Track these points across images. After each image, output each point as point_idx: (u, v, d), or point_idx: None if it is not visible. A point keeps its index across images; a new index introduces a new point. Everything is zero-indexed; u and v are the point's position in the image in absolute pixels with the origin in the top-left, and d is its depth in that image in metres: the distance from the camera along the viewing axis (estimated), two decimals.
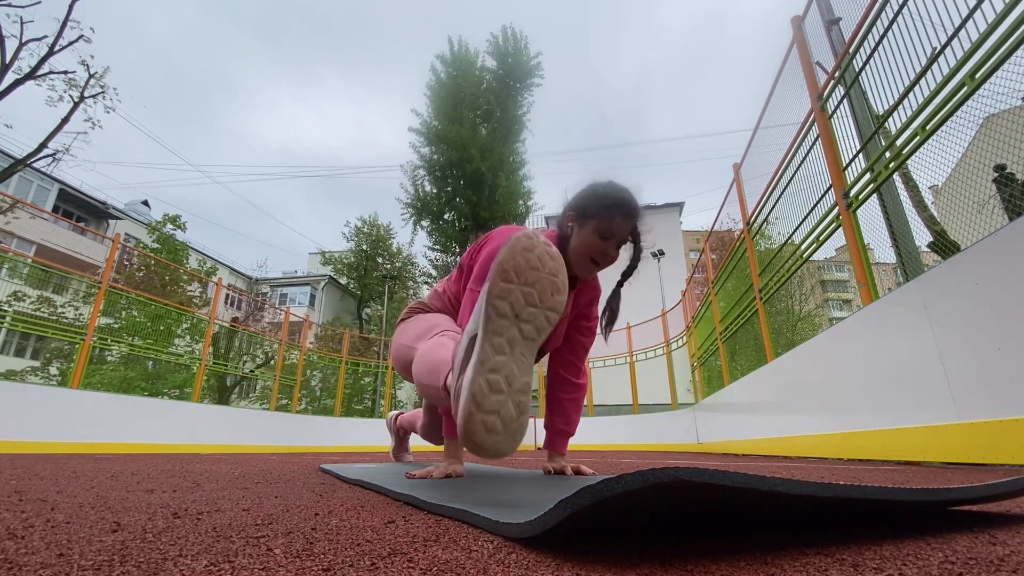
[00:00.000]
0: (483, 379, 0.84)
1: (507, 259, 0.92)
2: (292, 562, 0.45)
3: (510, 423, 0.84)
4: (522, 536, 0.54)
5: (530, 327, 0.90)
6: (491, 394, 0.84)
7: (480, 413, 0.82)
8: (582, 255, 1.36)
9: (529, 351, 0.91)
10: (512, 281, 0.90)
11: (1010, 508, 0.79)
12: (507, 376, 0.86)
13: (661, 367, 10.79)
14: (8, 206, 11.64)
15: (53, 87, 9.71)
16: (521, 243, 0.93)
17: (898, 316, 2.54)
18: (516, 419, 0.85)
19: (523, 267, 0.92)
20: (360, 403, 15.84)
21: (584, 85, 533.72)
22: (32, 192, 17.21)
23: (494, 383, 0.84)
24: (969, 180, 2.36)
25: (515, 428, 0.85)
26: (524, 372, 0.88)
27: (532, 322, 0.91)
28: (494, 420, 0.83)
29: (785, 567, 0.42)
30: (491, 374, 0.85)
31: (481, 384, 0.84)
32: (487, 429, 0.82)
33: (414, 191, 16.01)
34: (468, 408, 0.83)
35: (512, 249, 0.92)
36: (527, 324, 0.90)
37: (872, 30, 2.89)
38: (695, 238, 26.59)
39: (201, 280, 13.59)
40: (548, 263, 0.94)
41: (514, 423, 0.84)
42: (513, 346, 0.88)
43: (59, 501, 0.90)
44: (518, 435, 0.85)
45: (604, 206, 1.32)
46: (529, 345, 0.91)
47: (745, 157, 5.60)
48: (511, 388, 0.86)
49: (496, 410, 0.83)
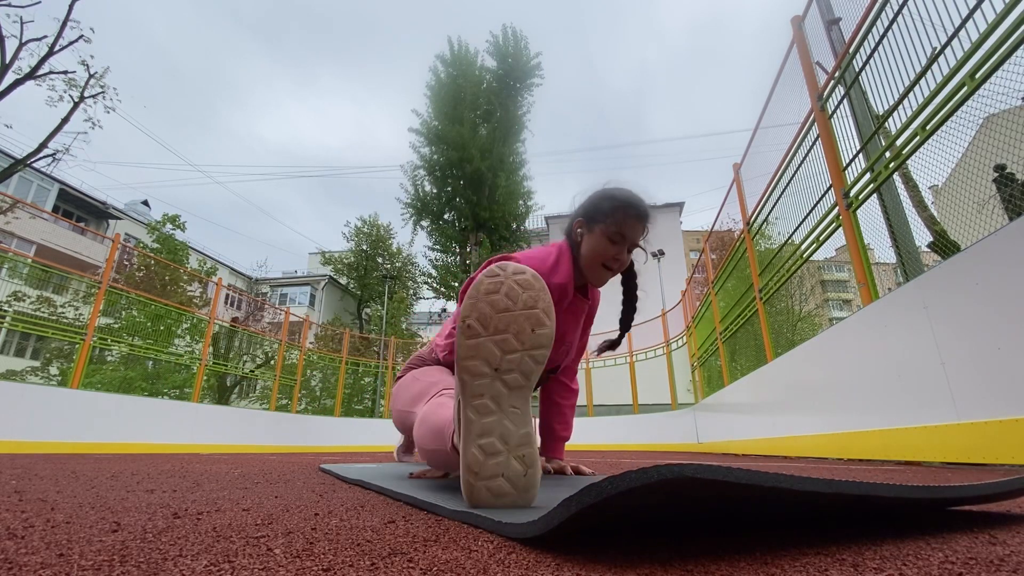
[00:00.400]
0: (474, 448, 0.77)
1: (469, 310, 0.82)
2: (292, 562, 0.45)
3: (518, 480, 0.77)
4: (524, 536, 0.54)
5: (515, 375, 0.81)
6: (488, 459, 0.77)
7: (481, 482, 0.76)
8: (593, 261, 1.31)
9: (521, 399, 0.82)
10: (479, 335, 0.81)
11: (1010, 508, 0.79)
12: (501, 435, 0.78)
13: (661, 367, 10.79)
14: (8, 206, 11.64)
15: (53, 87, 9.71)
16: (483, 286, 0.84)
17: (898, 316, 2.54)
18: (524, 474, 0.77)
19: (489, 315, 0.82)
20: (360, 403, 15.83)
21: (584, 85, 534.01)
22: (32, 192, 17.21)
23: (488, 447, 0.77)
24: (969, 180, 2.36)
25: (525, 483, 0.77)
26: (521, 424, 0.80)
27: (516, 370, 0.81)
28: (499, 484, 0.76)
29: (785, 567, 0.42)
30: (481, 439, 0.78)
31: (474, 453, 0.77)
32: (495, 494, 0.76)
33: (414, 191, 16.02)
34: (468, 482, 0.76)
35: (473, 296, 0.83)
36: (510, 374, 0.81)
37: (872, 30, 2.89)
38: (695, 238, 26.59)
39: (201, 280, 13.59)
40: (521, 296, 0.84)
41: (523, 479, 0.77)
42: (500, 401, 0.80)
43: (59, 501, 0.90)
44: (532, 488, 0.78)
45: (613, 208, 1.27)
46: (519, 394, 0.82)
47: (745, 157, 5.60)
48: (509, 445, 0.78)
49: (499, 473, 0.77)
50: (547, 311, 0.85)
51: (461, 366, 0.80)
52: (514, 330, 0.82)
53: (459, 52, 16.04)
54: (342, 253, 25.41)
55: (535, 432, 0.83)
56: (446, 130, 15.05)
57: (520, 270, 0.86)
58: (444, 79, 15.84)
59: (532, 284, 0.85)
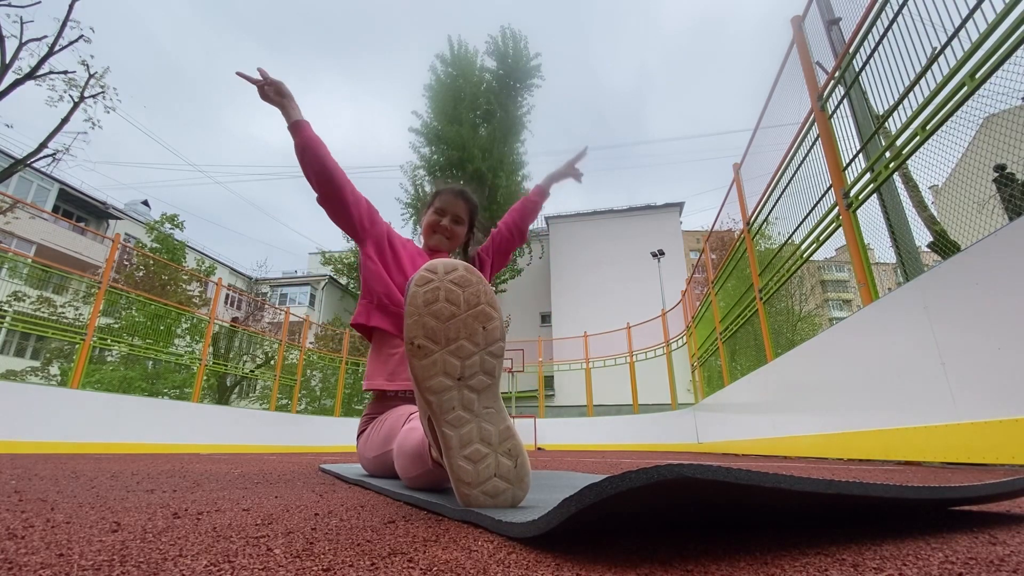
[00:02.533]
0: (460, 460, 0.75)
1: (414, 329, 0.76)
2: (292, 562, 0.45)
3: (510, 473, 0.76)
4: (524, 536, 0.54)
5: (479, 378, 0.78)
6: (477, 466, 0.75)
7: (476, 488, 0.75)
8: (427, 230, 1.68)
9: (491, 398, 0.79)
10: (431, 352, 0.76)
11: (1010, 508, 0.79)
12: (483, 439, 0.77)
13: (661, 367, 10.79)
14: (8, 206, 11.64)
15: (53, 87, 9.71)
16: (419, 298, 0.77)
17: (898, 316, 2.54)
18: (515, 466, 0.77)
19: (435, 328, 0.77)
20: (360, 403, 15.83)
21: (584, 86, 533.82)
22: (32, 192, 17.21)
23: (474, 455, 0.76)
24: (969, 180, 2.36)
25: (518, 473, 0.77)
26: (498, 420, 0.78)
27: (479, 372, 0.78)
28: (494, 484, 0.76)
29: (785, 567, 0.42)
30: (465, 450, 0.76)
31: (462, 466, 0.75)
32: (491, 495, 0.75)
33: (414, 191, 16.03)
34: (463, 492, 0.75)
35: (414, 312, 0.77)
36: (474, 378, 0.78)
37: (872, 30, 2.89)
38: (695, 238, 26.60)
39: (201, 280, 13.59)
40: (462, 296, 0.79)
41: (513, 471, 0.76)
42: (472, 407, 0.77)
43: (59, 501, 0.90)
44: (524, 477, 0.77)
45: (437, 191, 1.72)
46: (488, 392, 0.79)
47: (745, 157, 5.60)
48: (493, 445, 0.77)
49: (491, 475, 0.76)
50: (491, 302, 0.81)
51: (423, 387, 0.76)
52: (465, 334, 0.78)
53: (459, 52, 16.05)
54: (342, 253, 25.41)
55: (513, 422, 0.81)
56: (446, 130, 15.07)
57: (451, 266, 0.81)
58: (444, 79, 15.86)
59: (469, 279, 0.80)
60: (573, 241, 23.76)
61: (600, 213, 24.33)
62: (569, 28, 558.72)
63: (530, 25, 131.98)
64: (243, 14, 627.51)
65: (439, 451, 0.82)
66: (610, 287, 21.90)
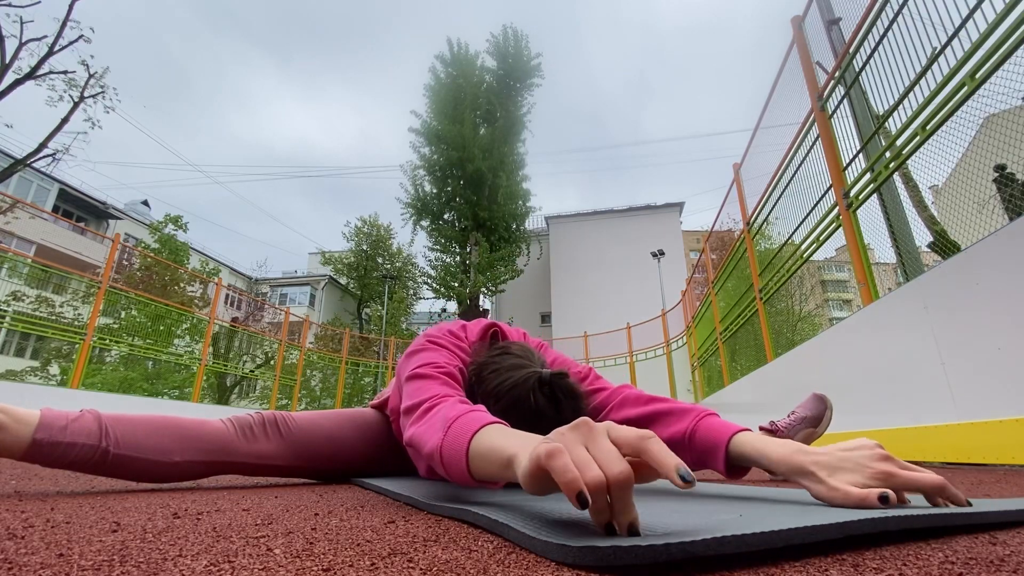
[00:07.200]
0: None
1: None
2: (292, 562, 0.45)
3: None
4: (560, 560, 0.44)
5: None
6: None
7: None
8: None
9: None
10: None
11: None
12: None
13: (661, 367, 10.80)
14: (8, 206, 11.64)
15: (53, 87, 9.72)
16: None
17: (898, 316, 2.54)
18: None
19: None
20: (360, 403, 15.84)
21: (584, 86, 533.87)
22: (32, 192, 17.22)
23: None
24: (969, 180, 2.36)
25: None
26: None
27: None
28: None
29: (785, 567, 0.42)
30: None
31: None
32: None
33: (414, 191, 16.02)
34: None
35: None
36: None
37: (872, 30, 2.89)
38: (695, 238, 26.58)
39: (202, 280, 13.60)
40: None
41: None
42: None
43: (59, 501, 0.90)
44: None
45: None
46: None
47: (745, 157, 5.61)
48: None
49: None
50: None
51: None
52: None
53: (459, 52, 16.05)
54: (342, 253, 25.42)
55: None
56: (446, 130, 15.06)
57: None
58: (444, 79, 15.85)
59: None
60: (573, 241, 23.75)
61: (600, 213, 24.32)
62: (569, 28, 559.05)
63: (530, 24, 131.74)
64: (243, 13, 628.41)
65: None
66: (610, 287, 21.89)
